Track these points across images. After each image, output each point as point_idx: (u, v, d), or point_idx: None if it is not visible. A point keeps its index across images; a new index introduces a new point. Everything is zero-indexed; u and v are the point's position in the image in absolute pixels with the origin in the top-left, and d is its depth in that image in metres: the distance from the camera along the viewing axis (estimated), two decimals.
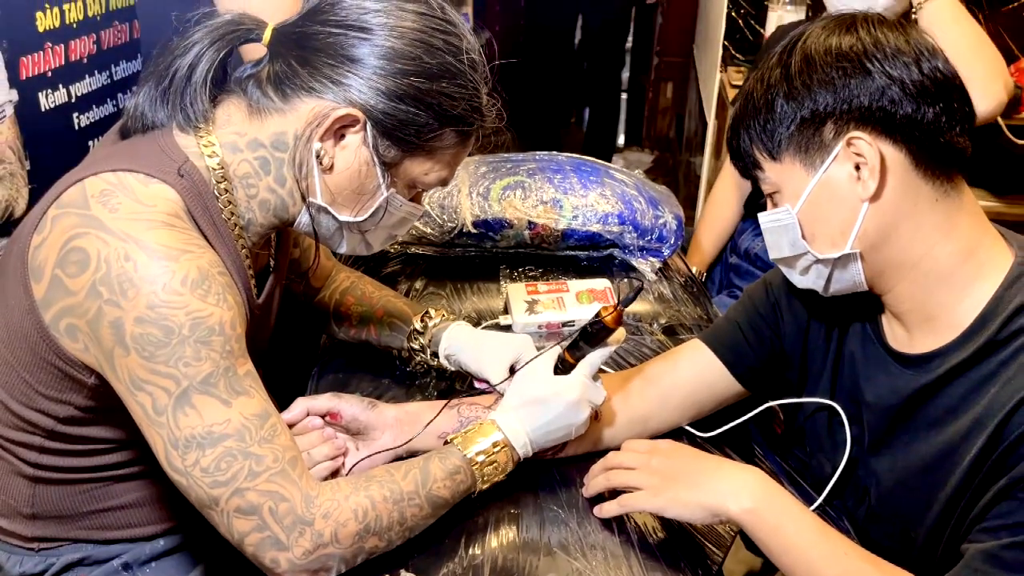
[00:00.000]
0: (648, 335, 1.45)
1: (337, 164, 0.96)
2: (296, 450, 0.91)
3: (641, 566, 0.96)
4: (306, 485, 0.89)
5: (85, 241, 0.85)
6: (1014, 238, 0.94)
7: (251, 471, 0.86)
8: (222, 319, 0.87)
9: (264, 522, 0.87)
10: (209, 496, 0.86)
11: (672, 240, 1.63)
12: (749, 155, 0.97)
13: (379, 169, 0.97)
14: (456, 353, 1.21)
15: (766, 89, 0.93)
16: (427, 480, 0.95)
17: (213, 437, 0.85)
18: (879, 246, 0.91)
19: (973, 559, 0.84)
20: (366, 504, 0.90)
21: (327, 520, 0.88)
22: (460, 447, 0.99)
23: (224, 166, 0.95)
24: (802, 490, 1.10)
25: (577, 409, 1.04)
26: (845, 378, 1.05)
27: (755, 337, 1.14)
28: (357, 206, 0.99)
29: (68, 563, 1.06)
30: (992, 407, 0.86)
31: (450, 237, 1.62)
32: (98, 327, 0.86)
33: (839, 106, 0.89)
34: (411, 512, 0.93)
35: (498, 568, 0.95)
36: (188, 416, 0.85)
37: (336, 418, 1.07)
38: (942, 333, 0.92)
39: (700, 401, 1.17)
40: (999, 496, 0.85)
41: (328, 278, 1.34)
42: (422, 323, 1.26)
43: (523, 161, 1.69)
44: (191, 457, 0.86)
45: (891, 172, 0.89)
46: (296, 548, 0.87)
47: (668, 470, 0.98)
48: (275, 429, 0.89)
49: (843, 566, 0.87)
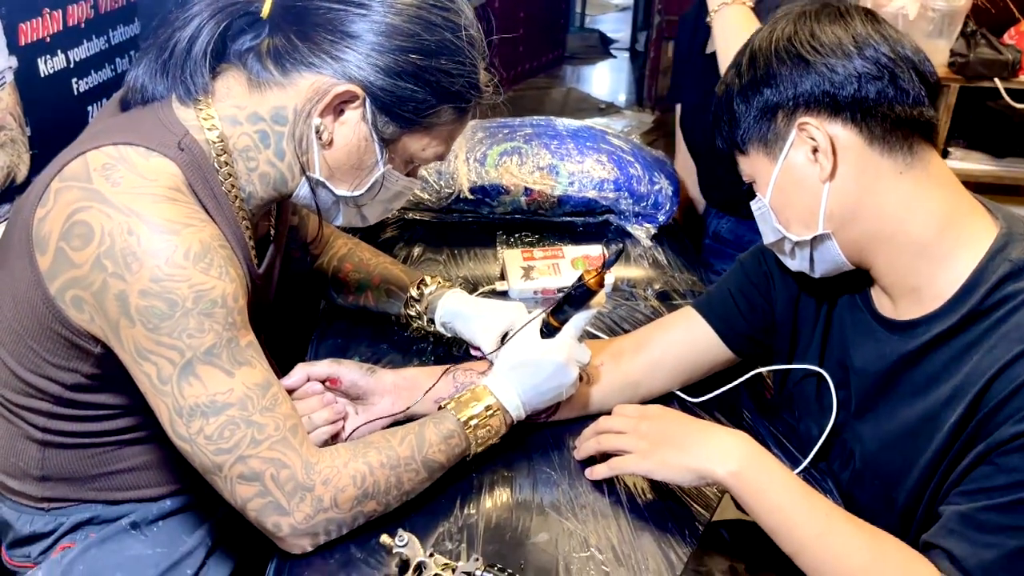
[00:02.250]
0: (642, 301, 1.47)
1: (336, 139, 0.97)
2: (297, 418, 0.94)
3: (630, 526, 0.99)
4: (307, 452, 0.92)
5: (88, 215, 0.86)
6: (997, 208, 0.96)
7: (253, 439, 0.89)
8: (224, 292, 0.88)
9: (266, 488, 0.89)
10: (213, 463, 0.89)
11: (668, 206, 1.65)
12: (725, 152, 1.03)
13: (377, 145, 0.98)
14: (451, 321, 1.24)
15: (726, 91, 1.00)
16: (423, 445, 0.98)
17: (216, 406, 0.88)
18: (848, 223, 0.94)
19: (950, 520, 0.87)
20: (364, 470, 0.93)
21: (327, 486, 0.91)
22: (454, 412, 1.02)
23: (224, 139, 0.96)
24: (789, 453, 1.12)
25: (566, 370, 1.07)
26: (834, 345, 1.08)
27: (747, 305, 1.16)
28: (355, 181, 1.01)
29: (77, 523, 1.09)
30: (973, 375, 0.88)
31: (447, 203, 1.63)
32: (103, 299, 0.87)
33: (785, 96, 0.94)
34: (408, 476, 0.96)
35: (492, 527, 0.99)
36: (192, 386, 0.87)
37: (335, 383, 1.10)
38: (927, 303, 0.94)
39: (691, 367, 1.20)
40: (977, 461, 0.87)
41: (326, 244, 1.36)
42: (418, 290, 1.28)
43: (520, 127, 1.70)
44: (195, 425, 0.88)
45: (845, 151, 0.92)
46: (297, 513, 0.90)
47: (657, 434, 1.00)
48: (276, 398, 0.91)
49: (824, 526, 0.90)
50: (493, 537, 0.97)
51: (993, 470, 0.85)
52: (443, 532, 0.98)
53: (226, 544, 1.15)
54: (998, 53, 2.74)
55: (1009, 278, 0.89)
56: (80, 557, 1.07)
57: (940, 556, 0.86)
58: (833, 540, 0.89)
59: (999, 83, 2.74)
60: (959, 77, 2.76)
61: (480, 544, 0.96)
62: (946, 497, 0.91)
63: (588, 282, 1.06)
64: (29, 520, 1.08)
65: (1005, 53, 2.74)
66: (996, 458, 0.85)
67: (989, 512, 0.84)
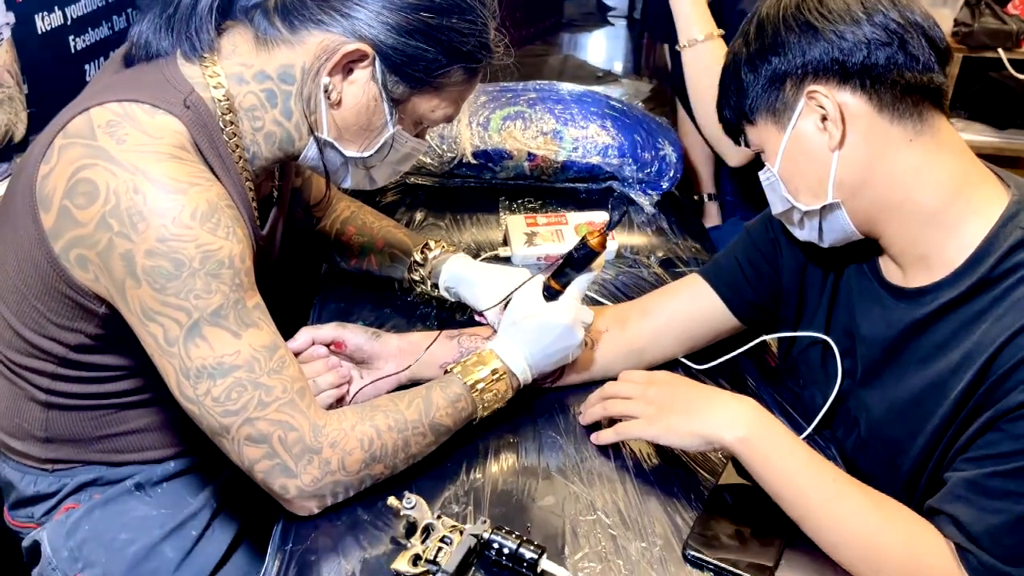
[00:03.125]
0: (645, 268, 1.46)
1: (345, 99, 0.95)
2: (304, 381, 0.93)
3: (636, 490, 1.00)
4: (314, 415, 0.91)
5: (93, 172, 0.85)
6: (1009, 176, 0.96)
7: (261, 401, 0.88)
8: (231, 252, 0.87)
9: (274, 450, 0.89)
10: (220, 424, 0.89)
11: (672, 173, 1.64)
12: (733, 123, 1.02)
13: (387, 105, 0.96)
14: (455, 285, 1.23)
15: (733, 61, 0.99)
16: (430, 408, 0.97)
17: (224, 368, 0.87)
18: (858, 192, 0.94)
19: (956, 486, 0.87)
20: (371, 433, 0.93)
21: (334, 449, 0.91)
22: (461, 376, 1.02)
23: (229, 97, 0.94)
24: (793, 421, 1.12)
25: (572, 331, 1.07)
26: (840, 313, 1.08)
27: (753, 272, 1.16)
28: (364, 142, 0.99)
29: (81, 484, 1.08)
30: (982, 343, 0.88)
31: (449, 168, 1.62)
32: (109, 259, 0.86)
33: (793, 64, 0.93)
34: (415, 440, 0.96)
35: (498, 490, 0.99)
36: (199, 347, 0.87)
37: (341, 347, 1.09)
38: (936, 270, 0.94)
39: (696, 334, 1.20)
40: (984, 428, 0.87)
41: (329, 207, 1.35)
42: (422, 255, 1.27)
43: (523, 91, 1.68)
44: (203, 387, 0.87)
45: (854, 119, 0.91)
46: (305, 476, 0.90)
47: (664, 400, 1.00)
48: (284, 360, 0.91)
49: (830, 491, 0.90)
50: (499, 500, 0.97)
51: (1000, 437, 0.85)
52: (450, 495, 0.98)
53: (231, 506, 1.15)
54: (1002, 23, 2.72)
55: (1020, 246, 0.88)
56: (84, 518, 1.07)
57: (946, 522, 0.87)
58: (839, 506, 0.89)
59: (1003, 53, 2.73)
60: (962, 47, 2.75)
61: (487, 507, 0.96)
62: (951, 464, 0.91)
63: (591, 243, 1.05)
64: (33, 481, 1.08)
65: (1009, 23, 2.72)
66: (1004, 425, 0.85)
67: (995, 478, 0.84)
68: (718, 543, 0.92)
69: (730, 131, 1.04)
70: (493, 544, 0.88)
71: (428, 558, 0.86)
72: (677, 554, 0.91)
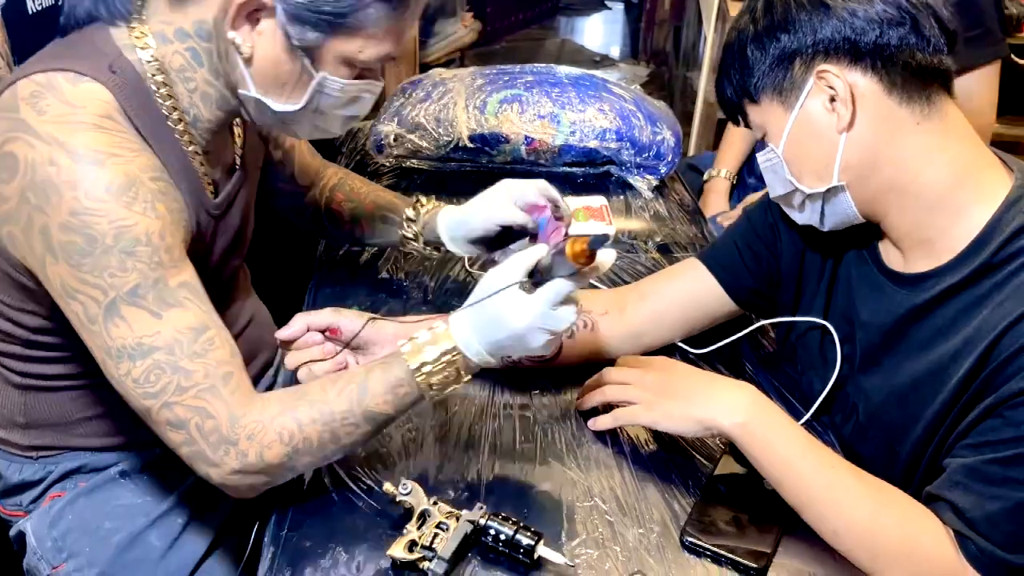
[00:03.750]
0: (643, 253, 1.46)
1: (257, 52, 0.90)
2: (234, 365, 0.89)
3: (633, 476, 0.99)
4: (236, 403, 0.87)
5: (15, 146, 0.82)
6: (1013, 161, 0.94)
7: (179, 386, 0.85)
8: (148, 229, 0.84)
9: (192, 437, 0.86)
10: (142, 406, 0.86)
11: (670, 158, 1.62)
12: (734, 102, 0.99)
13: (300, 54, 0.90)
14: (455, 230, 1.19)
15: (738, 36, 0.96)
16: (364, 397, 0.90)
17: (143, 349, 0.84)
18: (864, 175, 0.92)
19: (955, 472, 0.87)
20: (292, 427, 0.88)
21: (251, 442, 0.86)
22: (407, 356, 0.91)
23: (159, 58, 0.90)
24: (791, 406, 1.12)
25: (529, 337, 0.90)
26: (839, 299, 1.07)
27: (752, 257, 1.15)
28: (288, 94, 0.93)
29: (66, 471, 1.07)
30: (983, 328, 0.87)
31: (445, 152, 1.61)
32: (30, 234, 0.84)
33: (804, 43, 0.90)
34: (346, 431, 0.89)
35: (495, 476, 0.98)
36: (118, 327, 0.84)
37: (336, 333, 1.08)
38: (938, 255, 0.93)
39: (694, 318, 1.19)
40: (984, 414, 0.87)
41: (315, 175, 1.31)
42: (414, 210, 1.25)
43: (521, 74, 1.66)
44: (123, 367, 0.85)
45: (864, 100, 0.89)
46: (223, 466, 0.87)
47: (662, 385, 0.99)
48: (211, 343, 0.87)
49: (829, 477, 0.90)
50: (496, 486, 0.97)
51: (1001, 423, 0.85)
52: (446, 481, 0.97)
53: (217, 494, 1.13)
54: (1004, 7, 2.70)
55: (1023, 232, 0.87)
56: (69, 507, 1.06)
57: (944, 508, 0.86)
58: (838, 492, 0.89)
59: None
60: None
61: (483, 493, 0.96)
62: (950, 451, 0.91)
63: (567, 252, 0.87)
64: (18, 469, 1.07)
65: (1010, 8, 2.70)
66: (1004, 411, 0.85)
67: (995, 465, 0.84)
68: (715, 530, 0.91)
69: (730, 110, 1.02)
70: (489, 530, 0.87)
71: (424, 544, 0.86)
72: (675, 540, 0.91)
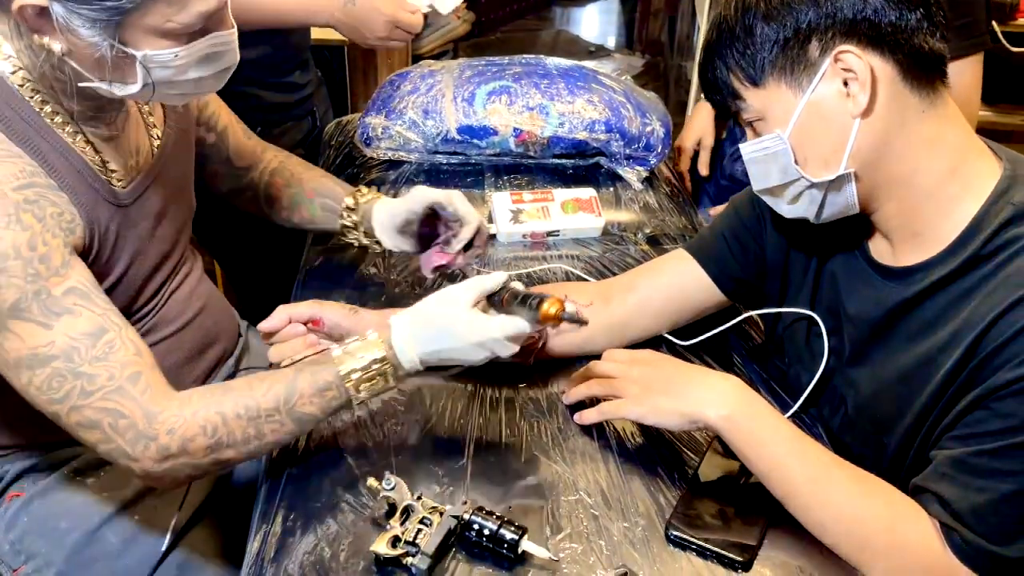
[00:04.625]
0: (632, 245, 1.45)
1: (68, 47, 0.87)
2: (142, 364, 0.89)
3: (619, 469, 0.99)
4: (148, 401, 0.87)
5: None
6: (1001, 150, 0.94)
7: (83, 390, 0.85)
8: (15, 242, 0.83)
9: (107, 435, 0.86)
10: (50, 411, 0.86)
11: (659, 149, 1.61)
12: (728, 85, 0.93)
13: (100, 41, 0.86)
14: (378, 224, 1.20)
15: (742, 13, 0.89)
16: (291, 397, 0.90)
17: (40, 358, 0.84)
18: (873, 163, 0.89)
19: (942, 464, 0.87)
20: (216, 420, 0.88)
21: (172, 436, 0.87)
22: (337, 361, 0.92)
23: (24, 66, 0.90)
24: (779, 398, 1.12)
25: (474, 352, 0.92)
26: (825, 291, 1.06)
27: (739, 247, 1.14)
28: (120, 79, 0.90)
29: (21, 470, 1.06)
30: (971, 320, 0.87)
31: (434, 144, 1.59)
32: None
33: (823, 21, 0.86)
34: (270, 428, 0.90)
35: (480, 471, 0.98)
36: (10, 340, 0.84)
37: (318, 324, 1.07)
38: (927, 247, 0.92)
39: (680, 309, 1.18)
40: (971, 406, 0.86)
41: (253, 156, 1.29)
42: (353, 199, 1.24)
43: (509, 65, 1.65)
44: (24, 376, 0.85)
45: (881, 84, 0.86)
46: (144, 459, 0.87)
47: (648, 379, 0.99)
48: (111, 346, 0.87)
49: (815, 470, 0.89)
50: (481, 481, 0.96)
51: (988, 415, 0.84)
52: (431, 476, 0.97)
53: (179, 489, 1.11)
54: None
55: (1011, 222, 0.87)
56: (24, 508, 1.05)
57: (930, 500, 0.86)
58: (824, 484, 0.89)
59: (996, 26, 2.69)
60: None
61: (468, 488, 0.95)
62: (938, 442, 0.90)
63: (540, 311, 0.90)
64: None
65: None
66: (991, 403, 0.84)
67: (981, 456, 0.84)
68: (701, 523, 0.91)
69: (719, 95, 0.95)
70: (473, 525, 0.87)
71: (407, 540, 0.85)
72: (660, 534, 0.91)
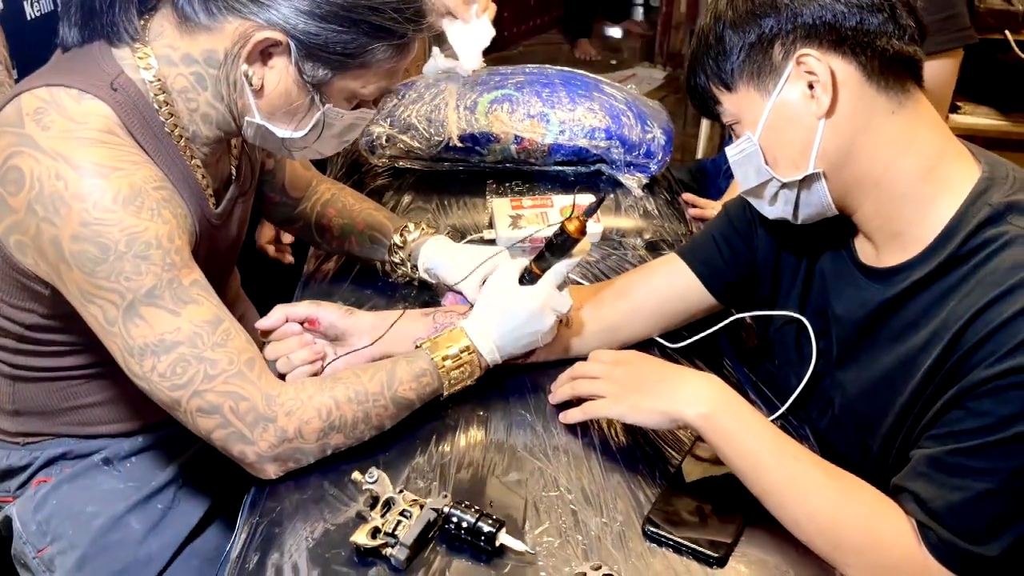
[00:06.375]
0: (631, 251, 1.46)
1: (267, 85, 0.95)
2: (253, 351, 0.94)
3: (601, 467, 1.00)
4: (266, 385, 0.92)
5: (21, 160, 0.87)
6: (981, 153, 0.94)
7: (206, 374, 0.90)
8: (158, 233, 0.89)
9: (226, 420, 0.91)
10: (171, 398, 0.90)
11: (660, 156, 1.63)
12: (706, 91, 0.98)
13: (310, 88, 0.96)
14: (434, 267, 1.24)
15: (714, 22, 0.95)
16: (393, 382, 0.99)
17: (165, 344, 0.89)
18: (841, 163, 0.92)
19: (919, 463, 0.87)
20: (330, 404, 0.94)
21: (290, 417, 0.92)
22: (429, 351, 1.03)
23: (161, 78, 0.95)
24: (768, 400, 1.12)
25: (541, 317, 1.07)
26: (814, 293, 1.07)
27: (730, 251, 1.15)
28: (294, 123, 0.99)
29: (51, 457, 1.11)
30: (949, 320, 0.87)
31: (436, 151, 1.62)
32: (40, 244, 0.88)
33: (784, 27, 0.90)
34: (376, 412, 0.98)
35: (464, 466, 0.99)
36: (139, 327, 0.88)
37: (314, 324, 1.10)
38: (908, 248, 0.93)
39: (671, 313, 1.19)
40: (948, 405, 0.87)
41: (308, 189, 1.35)
42: (401, 237, 1.28)
43: (512, 74, 1.68)
44: (148, 364, 0.89)
45: (843, 86, 0.89)
46: (261, 442, 0.92)
47: (630, 379, 1.00)
48: (228, 334, 0.92)
49: (793, 468, 0.90)
50: (465, 476, 0.98)
51: (964, 414, 0.85)
52: (416, 470, 0.99)
53: (200, 481, 1.17)
54: (1008, 4, 2.67)
55: (988, 223, 0.87)
56: (53, 492, 1.09)
57: (907, 498, 0.86)
58: (801, 482, 0.89)
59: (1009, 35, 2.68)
60: None
61: (451, 483, 0.97)
62: (918, 442, 0.91)
63: (568, 229, 1.05)
64: (6, 455, 1.10)
65: (1016, 4, 2.68)
66: (967, 402, 0.84)
67: (957, 455, 0.84)
68: (678, 520, 0.92)
69: (701, 100, 1.00)
70: (452, 518, 0.88)
71: (387, 531, 0.87)
72: (637, 530, 0.92)
